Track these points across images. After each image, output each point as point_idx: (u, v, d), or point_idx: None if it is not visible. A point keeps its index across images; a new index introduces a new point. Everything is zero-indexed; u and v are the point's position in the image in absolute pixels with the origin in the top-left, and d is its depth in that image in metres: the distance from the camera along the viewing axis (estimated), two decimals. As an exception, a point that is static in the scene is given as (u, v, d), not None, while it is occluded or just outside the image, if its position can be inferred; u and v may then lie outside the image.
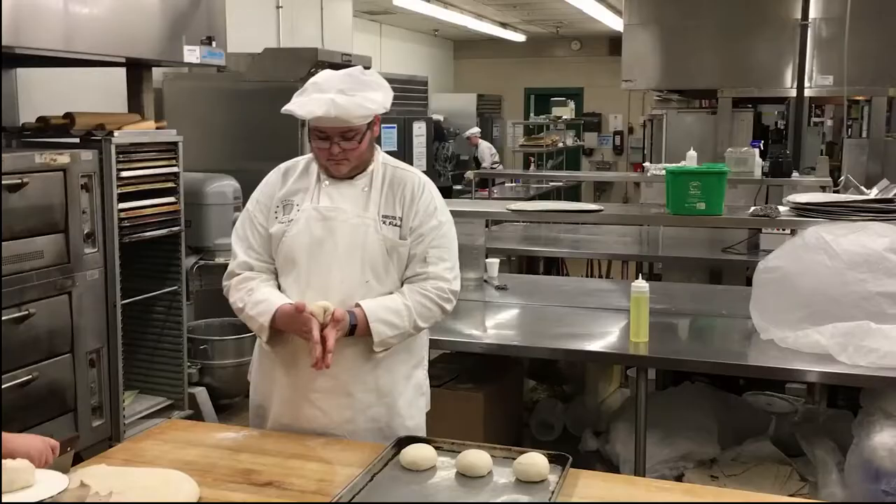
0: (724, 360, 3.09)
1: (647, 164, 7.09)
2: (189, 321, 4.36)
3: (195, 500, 1.76)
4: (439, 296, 2.27)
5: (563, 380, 4.16)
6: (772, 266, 3.17)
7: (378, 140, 2.40)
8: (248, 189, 4.46)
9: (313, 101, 2.16)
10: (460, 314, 3.49)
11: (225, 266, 4.54)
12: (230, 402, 4.76)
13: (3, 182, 3.10)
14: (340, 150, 2.21)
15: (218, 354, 4.57)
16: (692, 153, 5.58)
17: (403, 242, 2.26)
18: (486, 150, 11.50)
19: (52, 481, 1.47)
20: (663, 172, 3.87)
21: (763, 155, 5.87)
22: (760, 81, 7.21)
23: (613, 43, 12.77)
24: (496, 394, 3.54)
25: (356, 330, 2.16)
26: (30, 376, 3.26)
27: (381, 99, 2.22)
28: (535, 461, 1.89)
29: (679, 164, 4.85)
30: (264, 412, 2.35)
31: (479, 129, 11.64)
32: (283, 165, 2.43)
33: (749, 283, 3.47)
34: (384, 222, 2.26)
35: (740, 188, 5.70)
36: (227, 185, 4.57)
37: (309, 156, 2.37)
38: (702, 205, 3.44)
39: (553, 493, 1.79)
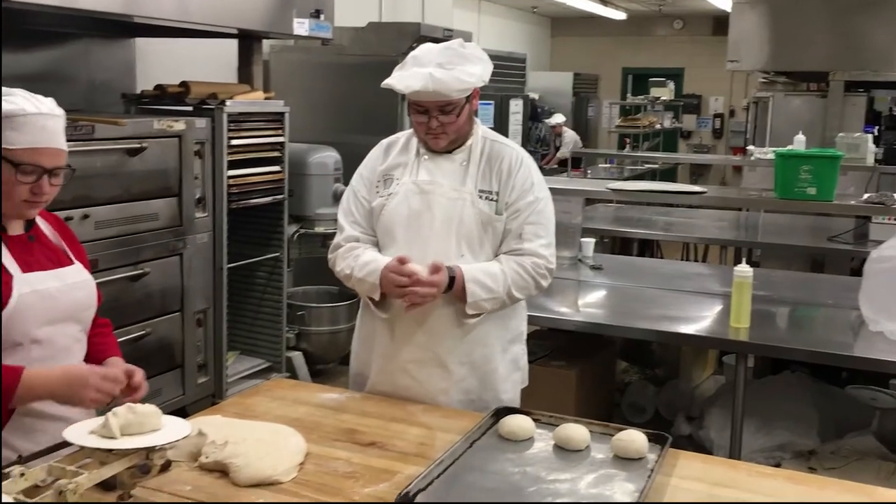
0: (829, 350, 3.00)
1: (750, 147, 6.88)
2: (288, 287, 4.51)
3: (304, 454, 1.84)
4: (535, 270, 2.27)
5: (655, 363, 4.12)
6: (885, 255, 3.05)
7: (476, 114, 2.41)
8: (348, 161, 4.61)
9: (412, 75, 2.18)
10: (554, 292, 3.49)
11: (324, 235, 4.72)
12: (324, 368, 4.91)
13: (124, 146, 3.26)
14: (439, 124, 2.23)
15: (315, 321, 4.71)
16: (800, 137, 5.39)
17: (499, 217, 2.28)
18: (570, 140, 10.95)
19: (177, 427, 1.56)
20: (768, 156, 3.76)
21: (877, 141, 5.61)
22: (876, 64, 6.86)
23: (718, 22, 12.39)
24: (588, 373, 3.54)
25: (453, 286, 2.18)
26: (143, 332, 3.44)
27: (479, 72, 2.22)
28: (634, 438, 1.89)
29: (787, 148, 4.70)
30: (363, 380, 2.41)
31: (564, 118, 11.30)
32: (385, 140, 2.46)
33: (854, 273, 3.35)
34: (480, 197, 2.27)
35: (850, 175, 5.47)
36: (328, 157, 4.68)
37: (410, 130, 2.39)
38: (812, 190, 3.33)
39: (652, 471, 1.79)
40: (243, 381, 4.18)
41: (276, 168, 4.16)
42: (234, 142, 3.84)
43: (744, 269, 3.03)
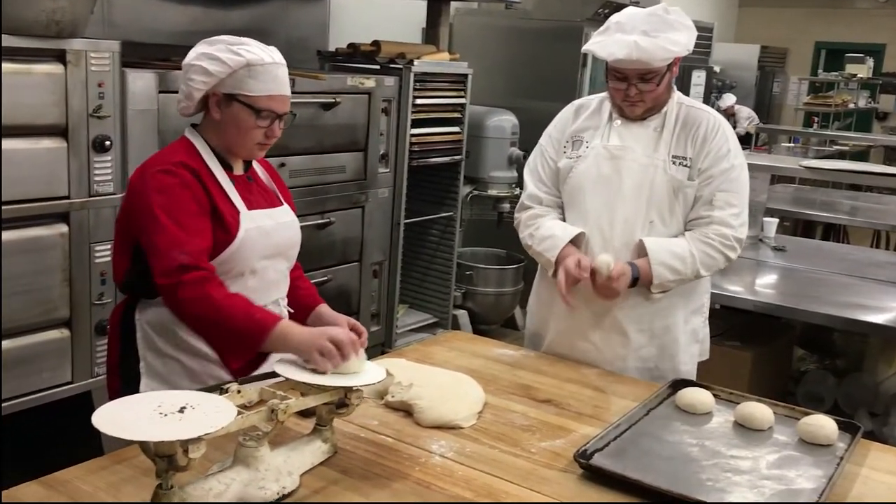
0: None
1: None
2: (458, 247, 4.60)
3: (482, 403, 1.90)
4: (723, 243, 2.21)
5: (837, 352, 3.90)
6: None
7: (677, 81, 2.35)
8: (525, 126, 4.62)
9: (615, 41, 2.13)
10: (732, 270, 3.35)
11: (496, 198, 4.76)
12: (487, 329, 4.98)
13: (321, 100, 3.42)
14: (637, 92, 2.18)
15: (481, 281, 4.78)
16: None
17: (691, 183, 2.22)
18: (743, 119, 10.35)
19: (372, 371, 1.66)
20: None
21: None
22: None
23: (929, -6, 11.32)
24: (764, 356, 3.41)
25: (638, 283, 2.18)
26: (325, 278, 3.63)
27: (684, 40, 2.15)
28: (823, 424, 1.82)
29: None
30: (539, 340, 2.43)
31: (735, 98, 10.64)
32: (576, 102, 2.44)
33: None
34: (673, 162, 2.22)
35: None
36: (506, 120, 4.70)
37: (604, 94, 2.36)
38: None
39: (842, 458, 1.71)
40: (411, 334, 4.33)
41: (456, 129, 4.24)
42: (419, 101, 3.94)
43: (951, 259, 2.80)
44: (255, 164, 1.96)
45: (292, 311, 2.01)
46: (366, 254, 3.87)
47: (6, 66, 2.38)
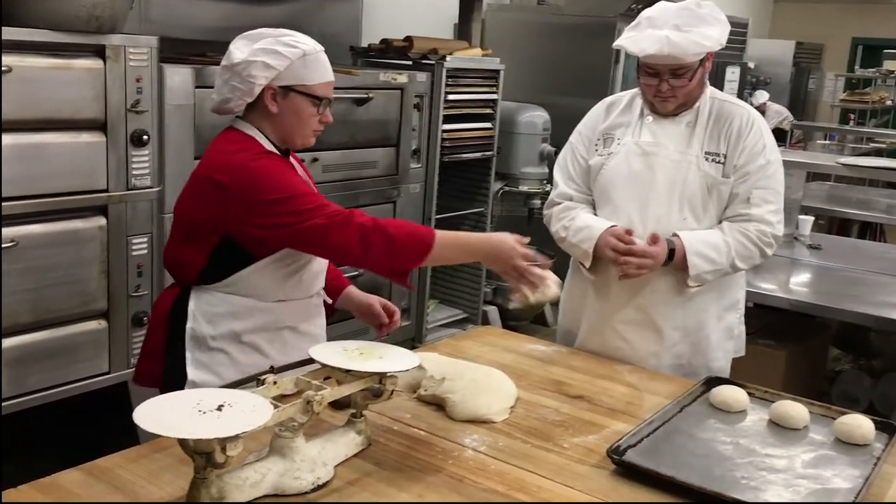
0: None
1: None
2: (489, 243, 4.60)
3: (515, 398, 1.90)
4: (760, 238, 2.19)
5: (873, 352, 3.85)
6: None
7: (711, 77, 2.32)
8: (556, 122, 4.60)
9: (647, 37, 2.11)
10: (766, 268, 3.33)
11: (527, 194, 4.75)
12: (517, 325, 4.98)
13: (354, 95, 3.44)
14: (669, 88, 2.16)
15: (512, 278, 4.77)
16: None
17: (726, 181, 2.19)
18: (773, 114, 10.16)
19: (405, 357, 1.66)
20: None
21: None
22: None
23: (971, -12, 11.09)
24: (798, 355, 3.38)
25: (673, 257, 2.15)
26: (356, 272, 3.64)
27: (717, 35, 2.13)
28: (860, 423, 1.79)
29: None
30: (571, 336, 2.43)
31: (768, 95, 10.46)
32: (607, 99, 2.42)
33: None
34: (707, 159, 2.20)
35: None
36: (537, 116, 4.69)
37: (635, 90, 2.34)
38: None
39: (878, 459, 1.69)
40: (440, 329, 4.34)
41: (488, 125, 4.24)
42: (451, 97, 3.95)
43: None
44: (291, 159, 1.98)
45: (330, 301, 2.04)
46: (397, 249, 3.88)
47: (47, 61, 2.42)
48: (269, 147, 1.84)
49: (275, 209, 1.72)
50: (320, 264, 1.95)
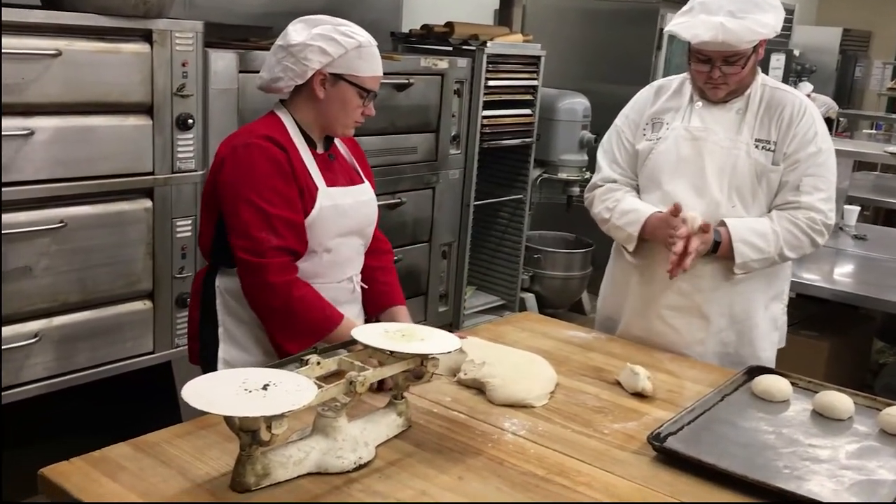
0: None
1: None
2: (526, 230, 4.59)
3: (555, 383, 1.90)
4: (810, 226, 2.15)
5: (918, 346, 3.78)
6: None
7: (762, 63, 2.28)
8: (597, 109, 4.57)
9: (700, 23, 2.08)
10: (809, 258, 3.25)
11: (566, 182, 4.72)
12: (554, 313, 4.96)
13: (395, 81, 3.44)
14: (721, 75, 2.13)
15: (549, 265, 4.77)
16: None
17: (775, 168, 2.16)
18: (819, 105, 10.01)
19: (447, 339, 1.67)
20: None
21: None
22: None
23: None
24: (841, 347, 3.33)
25: (719, 248, 2.13)
26: (395, 258, 3.64)
27: (772, 22, 2.09)
28: (906, 415, 1.77)
29: None
30: (612, 324, 2.41)
31: (812, 87, 10.26)
32: (656, 83, 2.39)
33: None
34: (757, 146, 2.17)
35: None
36: (578, 103, 4.66)
37: (684, 75, 2.31)
38: None
39: (925, 451, 1.67)
40: (478, 316, 4.35)
41: (528, 111, 4.22)
42: (491, 83, 3.93)
43: None
44: (338, 142, 1.99)
45: (365, 286, 2.04)
46: (435, 234, 3.90)
47: (96, 45, 2.46)
48: (295, 134, 1.85)
49: (227, 209, 1.80)
50: (351, 250, 1.96)
